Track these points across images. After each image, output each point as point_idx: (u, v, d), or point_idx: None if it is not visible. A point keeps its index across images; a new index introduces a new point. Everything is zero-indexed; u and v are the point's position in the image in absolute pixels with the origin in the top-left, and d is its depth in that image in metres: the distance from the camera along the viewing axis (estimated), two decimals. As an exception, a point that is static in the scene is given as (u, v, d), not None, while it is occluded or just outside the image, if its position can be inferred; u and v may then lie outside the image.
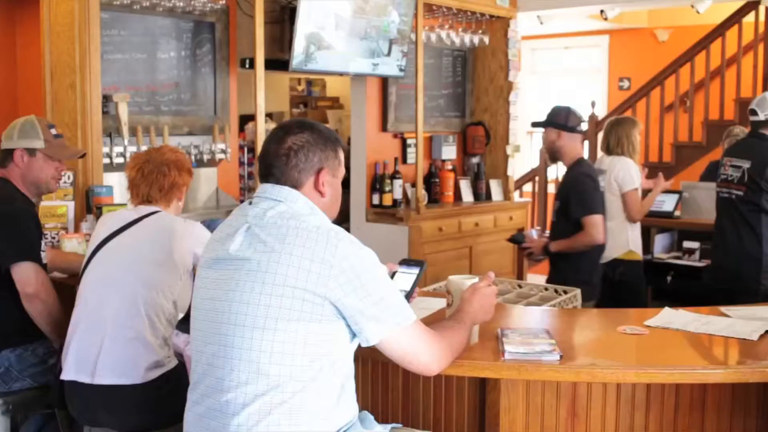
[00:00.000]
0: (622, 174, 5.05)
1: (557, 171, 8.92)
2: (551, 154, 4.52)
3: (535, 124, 4.65)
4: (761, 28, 7.99)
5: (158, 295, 2.93)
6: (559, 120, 4.44)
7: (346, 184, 6.20)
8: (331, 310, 2.02)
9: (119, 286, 2.91)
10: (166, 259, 2.98)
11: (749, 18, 8.02)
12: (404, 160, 6.59)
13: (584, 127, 4.63)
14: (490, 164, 7.25)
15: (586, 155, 8.56)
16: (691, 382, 2.48)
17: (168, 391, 2.88)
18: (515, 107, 7.18)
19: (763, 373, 2.35)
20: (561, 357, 2.33)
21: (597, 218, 4.35)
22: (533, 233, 4.94)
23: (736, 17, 8.06)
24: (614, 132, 5.20)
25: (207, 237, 2.91)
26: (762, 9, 7.85)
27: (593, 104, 8.71)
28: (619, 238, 4.99)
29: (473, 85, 7.32)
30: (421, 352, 2.15)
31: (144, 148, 4.61)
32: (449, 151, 6.91)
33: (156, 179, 3.13)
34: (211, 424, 2.06)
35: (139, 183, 3.15)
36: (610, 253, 4.96)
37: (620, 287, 4.88)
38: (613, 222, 4.96)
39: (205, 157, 5.06)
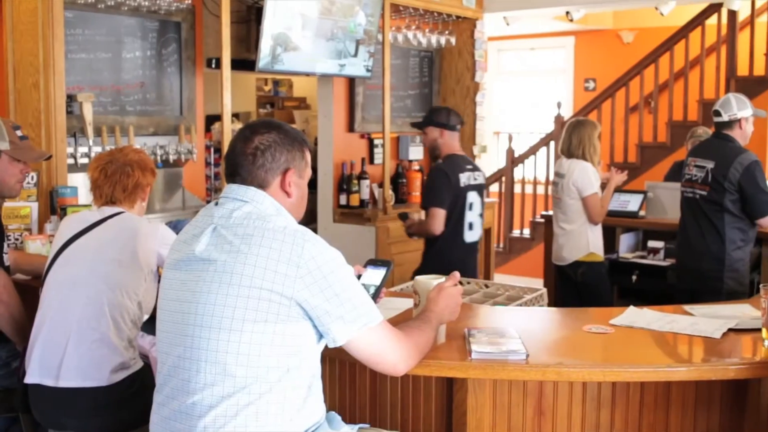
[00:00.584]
0: (581, 179, 5.09)
1: (523, 171, 8.99)
2: (432, 150, 4.74)
3: (415, 125, 4.90)
4: (724, 30, 8.09)
5: (123, 296, 2.91)
6: (442, 119, 4.68)
7: (313, 184, 6.25)
8: (298, 311, 2.02)
9: (83, 287, 2.88)
10: (131, 260, 2.95)
11: (712, 20, 8.13)
12: (371, 161, 6.59)
13: (461, 125, 4.87)
14: (457, 165, 7.25)
15: (552, 156, 8.67)
16: (655, 380, 2.51)
17: (133, 393, 2.86)
18: (482, 108, 7.21)
19: (726, 371, 2.38)
20: (527, 356, 2.34)
21: (438, 211, 4.60)
22: (415, 216, 5.00)
23: (699, 19, 8.16)
24: (575, 134, 5.20)
25: (171, 238, 2.91)
26: (724, 11, 7.95)
27: (559, 105, 8.79)
28: (580, 240, 5.06)
29: (440, 86, 7.34)
30: (388, 353, 2.15)
31: (109, 148, 4.58)
32: (416, 152, 6.92)
33: (119, 180, 3.11)
34: (177, 427, 2.05)
35: (102, 184, 3.12)
36: (571, 255, 5.01)
37: (582, 288, 4.91)
38: (574, 225, 5.04)
39: (171, 157, 5.03)
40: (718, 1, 7.38)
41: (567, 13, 7.65)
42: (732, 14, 7.97)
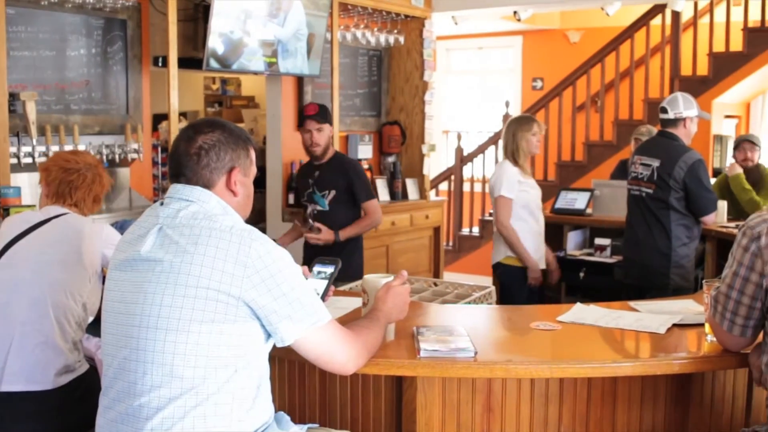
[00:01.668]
0: (494, 179, 4.96)
1: (472, 170, 9.04)
2: (326, 148, 4.67)
3: (316, 121, 4.62)
4: (668, 31, 8.22)
5: (67, 298, 2.86)
6: (330, 117, 4.74)
7: (261, 183, 6.21)
8: (246, 311, 2.01)
9: (26, 289, 2.83)
10: (75, 261, 2.91)
11: (656, 21, 8.26)
12: (321, 160, 6.57)
13: None
14: (406, 163, 7.28)
15: (500, 155, 8.71)
16: (602, 376, 2.53)
17: (79, 396, 2.82)
18: (430, 107, 7.24)
19: (670, 366, 2.42)
20: (476, 354, 2.36)
21: (376, 202, 4.77)
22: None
23: (644, 20, 8.29)
24: (506, 133, 5.04)
25: (116, 238, 2.87)
26: (668, 12, 8.08)
27: (507, 104, 8.85)
28: (498, 242, 4.97)
29: (389, 85, 7.35)
30: (337, 352, 2.14)
31: (53, 147, 4.51)
32: (365, 150, 6.92)
33: (73, 182, 3.08)
34: (124, 429, 2.02)
35: (52, 183, 3.08)
36: (494, 257, 5.01)
37: (502, 289, 4.87)
38: (495, 227, 4.97)
39: (117, 156, 4.96)
40: (662, 2, 7.49)
41: (514, 12, 7.70)
42: (676, 15, 8.10)
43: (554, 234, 6.06)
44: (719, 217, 5.36)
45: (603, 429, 2.60)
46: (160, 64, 5.20)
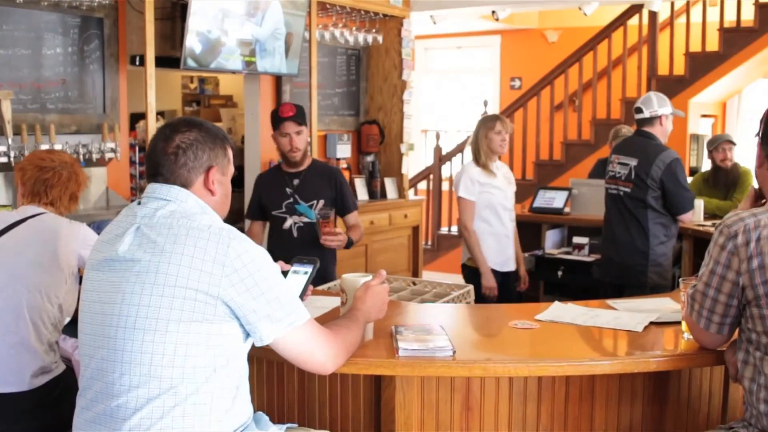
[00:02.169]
0: (455, 180, 4.91)
1: (451, 169, 9.05)
2: (305, 153, 4.29)
3: (296, 123, 4.21)
4: (645, 31, 8.27)
5: (43, 299, 2.84)
6: (306, 118, 4.35)
7: (240, 182, 6.19)
8: (224, 310, 2.00)
9: (1, 290, 2.81)
10: (51, 262, 2.89)
11: (634, 21, 8.30)
12: (299, 159, 6.55)
13: None
14: (385, 162, 7.28)
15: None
16: (580, 374, 2.54)
17: (56, 397, 2.80)
18: (409, 106, 7.24)
19: (647, 363, 2.43)
20: (454, 353, 2.36)
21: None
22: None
23: (621, 20, 8.34)
24: (473, 132, 4.96)
25: (93, 238, 2.85)
26: (645, 12, 8.13)
27: (485, 103, 8.86)
28: (463, 244, 4.93)
29: (367, 84, 7.34)
30: (316, 351, 2.14)
31: (29, 146, 4.47)
32: (344, 150, 6.91)
33: (49, 180, 3.06)
34: (101, 430, 2.01)
35: (28, 182, 3.06)
36: (462, 258, 5.02)
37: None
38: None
39: (94, 156, 4.93)
40: (639, 2, 7.54)
41: (493, 12, 7.73)
42: (653, 15, 8.15)
43: (532, 233, 6.09)
44: (696, 215, 5.41)
45: (581, 427, 2.62)
46: (137, 63, 5.16)
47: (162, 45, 5.28)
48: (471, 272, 4.85)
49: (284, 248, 4.02)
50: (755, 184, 2.63)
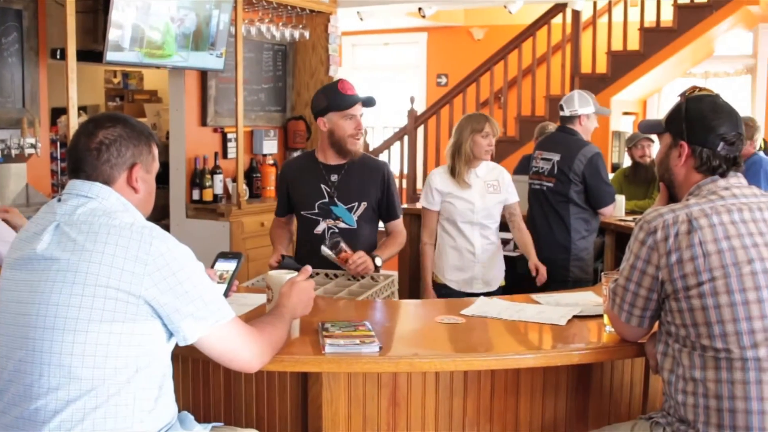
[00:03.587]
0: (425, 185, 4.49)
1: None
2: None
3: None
4: (568, 30, 8.40)
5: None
6: None
7: (164, 179, 6.10)
8: (147, 310, 1.97)
9: None
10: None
11: (557, 20, 8.42)
12: (225, 155, 6.50)
13: None
14: (312, 159, 7.23)
15: (405, 151, 8.77)
16: (505, 368, 2.57)
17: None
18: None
19: (570, 356, 2.47)
20: (380, 348, 2.36)
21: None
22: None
23: (545, 18, 8.45)
24: (454, 131, 4.48)
25: (11, 235, 2.78)
26: (569, 11, 8.25)
27: (412, 100, 8.89)
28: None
29: (294, 80, 7.31)
30: (241, 349, 2.12)
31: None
32: (270, 146, 6.87)
33: None
34: (20, 435, 1.96)
35: None
36: None
37: None
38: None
39: (14, 151, 4.81)
40: (562, 2, 7.65)
41: (419, 9, 7.76)
42: (576, 14, 8.28)
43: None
44: (617, 210, 5.51)
45: (506, 420, 2.65)
46: (58, 57, 5.05)
47: (84, 38, 5.16)
48: (436, 287, 4.43)
49: (314, 254, 3.47)
50: None
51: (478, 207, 4.34)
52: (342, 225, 3.67)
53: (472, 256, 4.37)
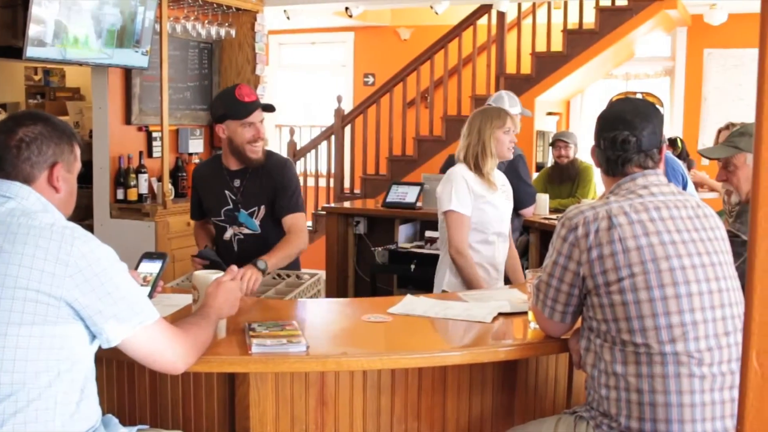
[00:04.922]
0: (442, 188, 3.89)
1: (305, 164, 9.03)
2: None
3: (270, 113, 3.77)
4: (494, 31, 8.50)
5: None
6: None
7: (86, 179, 5.98)
8: (68, 312, 1.93)
9: None
10: None
11: (483, 21, 8.51)
12: (150, 154, 6.40)
13: None
14: (239, 158, 7.18)
15: (332, 150, 8.77)
16: (431, 366, 2.59)
17: None
18: (263, 101, 7.16)
19: (496, 353, 2.50)
20: (308, 348, 2.36)
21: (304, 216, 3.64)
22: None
23: (471, 19, 8.52)
24: (468, 127, 3.93)
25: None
26: (494, 12, 8.35)
27: (339, 99, 8.90)
28: (443, 267, 4.00)
29: (220, 78, 7.23)
30: (165, 351, 2.09)
31: None
32: (196, 145, 6.79)
33: None
34: (-65, 442, 1.91)
35: None
36: (436, 282, 5.00)
37: None
38: (442, 250, 4.06)
39: (-73, 150, 4.66)
40: (488, 3, 7.73)
41: (346, 9, 7.76)
42: (501, 15, 8.37)
43: (386, 228, 6.15)
44: (541, 209, 5.61)
45: (434, 416, 2.67)
46: (-25, 53, 4.93)
47: (3, 34, 5.04)
48: None
49: (225, 262, 3.10)
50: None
51: (506, 215, 3.90)
52: (246, 231, 3.57)
53: (497, 274, 3.88)
